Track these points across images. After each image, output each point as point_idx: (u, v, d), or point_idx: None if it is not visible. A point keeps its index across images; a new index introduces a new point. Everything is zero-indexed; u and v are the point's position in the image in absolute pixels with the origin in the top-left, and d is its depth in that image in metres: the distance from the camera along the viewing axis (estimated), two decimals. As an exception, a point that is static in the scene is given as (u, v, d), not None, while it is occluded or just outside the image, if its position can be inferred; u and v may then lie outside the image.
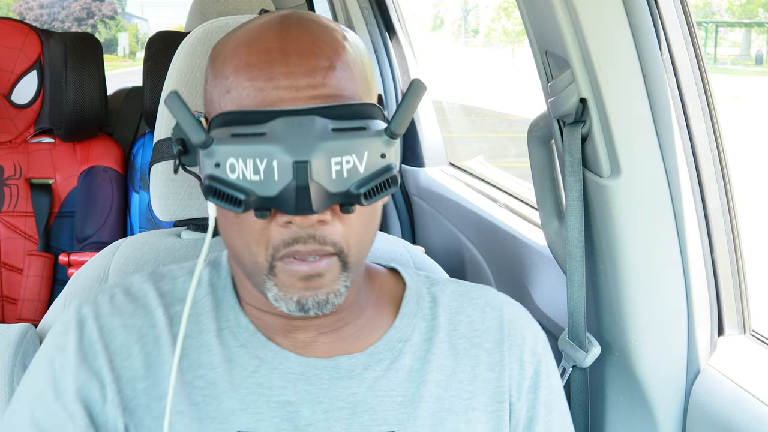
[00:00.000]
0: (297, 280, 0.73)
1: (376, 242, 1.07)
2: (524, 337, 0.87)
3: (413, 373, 0.83)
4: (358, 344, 0.83)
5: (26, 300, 2.03)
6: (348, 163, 0.70)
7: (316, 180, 0.69)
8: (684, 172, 1.00)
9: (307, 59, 0.73)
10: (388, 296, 0.88)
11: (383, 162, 0.71)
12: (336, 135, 0.70)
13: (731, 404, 0.95)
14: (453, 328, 0.86)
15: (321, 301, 0.74)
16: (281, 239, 0.72)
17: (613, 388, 1.11)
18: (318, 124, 0.69)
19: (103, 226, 2.10)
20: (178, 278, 0.86)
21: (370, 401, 0.80)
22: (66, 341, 0.80)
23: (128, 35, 20.59)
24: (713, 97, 1.03)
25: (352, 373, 0.81)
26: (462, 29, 15.99)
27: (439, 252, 1.88)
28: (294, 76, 0.72)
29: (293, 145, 0.68)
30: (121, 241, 1.06)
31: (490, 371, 0.85)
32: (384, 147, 0.71)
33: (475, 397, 0.84)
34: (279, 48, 0.73)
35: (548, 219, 1.18)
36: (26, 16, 18.27)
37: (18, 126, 2.11)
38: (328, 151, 0.69)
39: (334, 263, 0.74)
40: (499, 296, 0.91)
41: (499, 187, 1.80)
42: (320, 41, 0.74)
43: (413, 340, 0.84)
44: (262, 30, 0.75)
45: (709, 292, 1.04)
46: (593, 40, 0.95)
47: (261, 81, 0.72)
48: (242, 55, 0.74)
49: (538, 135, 1.17)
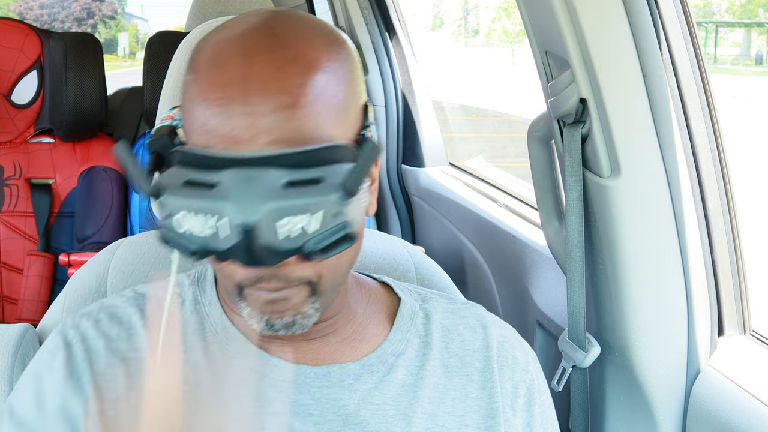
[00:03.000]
0: (263, 304, 0.72)
1: (376, 242, 1.08)
2: (515, 357, 0.87)
3: (405, 388, 0.81)
4: (349, 353, 0.82)
5: (26, 300, 2.03)
6: (299, 222, 0.66)
7: (263, 242, 0.66)
8: (684, 172, 1.00)
9: (268, 97, 0.67)
10: (380, 306, 0.86)
11: (338, 220, 0.67)
12: (286, 193, 0.65)
13: (731, 404, 0.95)
14: (445, 346, 0.85)
15: (287, 323, 0.73)
16: (245, 277, 0.71)
17: (613, 388, 1.11)
18: (269, 179, 0.65)
19: (103, 226, 2.10)
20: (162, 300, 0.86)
21: (362, 414, 0.79)
22: (53, 360, 0.79)
23: (128, 35, 20.60)
24: (713, 97, 1.03)
25: (344, 383, 0.80)
26: (462, 29, 16.00)
27: (439, 252, 1.88)
28: (253, 116, 0.67)
29: (240, 206, 0.65)
30: (120, 242, 1.06)
31: (482, 389, 0.84)
32: (338, 206, 0.66)
33: (468, 414, 0.83)
34: (240, 81, 0.68)
35: (548, 219, 1.18)
36: (26, 16, 18.28)
37: (18, 126, 2.11)
38: (275, 213, 0.65)
39: (300, 290, 0.72)
40: (488, 316, 0.90)
41: (499, 187, 1.80)
42: (289, 68, 0.69)
43: (407, 355, 0.83)
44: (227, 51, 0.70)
45: (709, 292, 1.04)
46: (593, 40, 0.95)
47: (219, 120, 0.68)
48: (203, 84, 0.70)
49: (538, 135, 1.17)
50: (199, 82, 0.70)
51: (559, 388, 1.11)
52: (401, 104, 2.21)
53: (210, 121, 0.68)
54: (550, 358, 1.29)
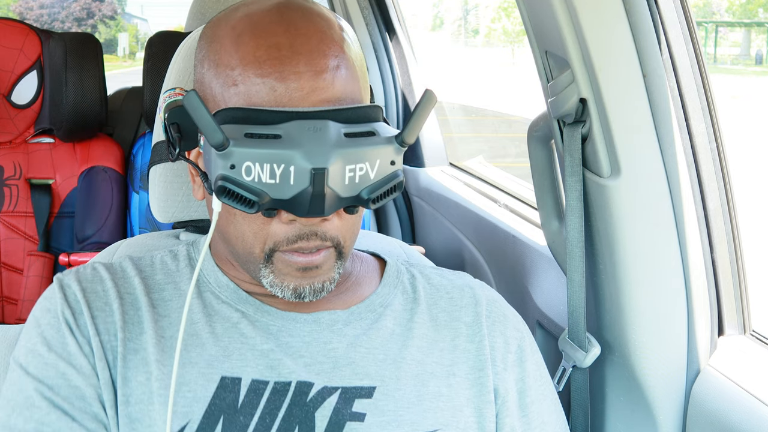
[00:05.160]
0: (294, 270, 0.75)
1: (375, 243, 1.08)
2: (506, 315, 0.91)
3: (395, 336, 0.84)
4: (339, 304, 0.85)
5: (26, 300, 2.03)
6: (361, 170, 0.71)
7: (331, 186, 0.70)
8: (684, 172, 1.00)
9: (316, 59, 0.73)
10: (371, 269, 0.91)
11: (392, 168, 0.74)
12: (349, 142, 0.71)
13: (731, 404, 0.95)
14: (434, 302, 0.89)
15: (317, 289, 0.77)
16: (285, 236, 0.74)
17: (613, 388, 1.11)
18: (332, 130, 0.70)
19: (103, 227, 2.10)
20: (155, 255, 0.89)
21: (352, 356, 0.82)
22: (52, 303, 0.82)
23: (128, 35, 20.59)
24: (713, 97, 1.03)
25: (333, 327, 0.82)
26: (462, 29, 16.00)
27: (439, 252, 1.88)
28: (304, 77, 0.72)
29: (311, 152, 0.69)
30: (120, 242, 1.06)
31: (470, 342, 0.87)
32: (394, 155, 0.73)
33: (456, 365, 0.85)
34: (288, 44, 0.73)
35: (548, 219, 1.18)
36: (26, 16, 18.29)
37: (18, 126, 2.11)
38: (344, 158, 0.70)
39: (331, 254, 0.76)
40: (477, 281, 0.94)
41: (499, 187, 1.80)
42: (327, 38, 0.75)
43: (394, 306, 0.87)
44: (265, 20, 0.75)
45: (709, 292, 1.04)
46: (593, 40, 0.95)
47: (272, 79, 0.72)
48: (248, 46, 0.73)
49: (538, 135, 1.17)
50: (244, 44, 0.74)
51: (560, 388, 1.11)
52: (401, 104, 2.22)
53: (262, 81, 0.72)
54: (550, 358, 1.29)
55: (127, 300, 0.83)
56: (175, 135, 0.77)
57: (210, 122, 0.68)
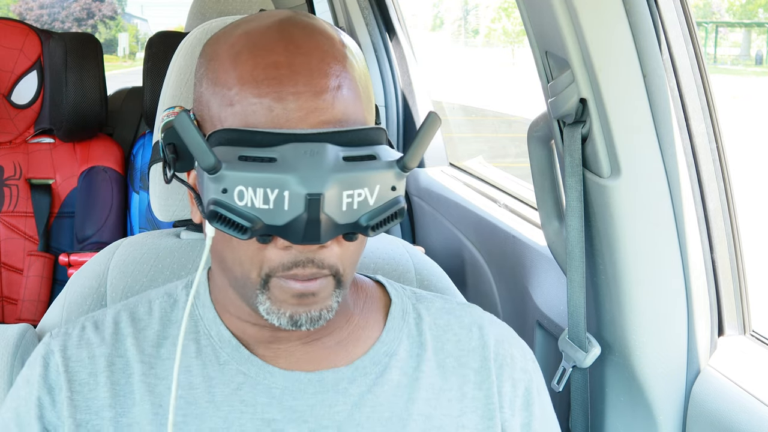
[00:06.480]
0: (290, 297, 0.72)
1: (376, 243, 1.08)
2: (513, 356, 0.86)
3: (401, 389, 0.81)
4: (342, 355, 0.81)
5: (26, 300, 2.03)
6: (360, 195, 0.68)
7: (327, 213, 0.67)
8: (684, 172, 1.00)
9: (316, 79, 0.70)
10: (376, 306, 0.86)
11: (393, 194, 0.70)
12: (347, 166, 0.67)
13: (731, 404, 0.95)
14: (440, 346, 0.85)
15: (314, 317, 0.73)
16: (280, 262, 0.71)
17: (613, 389, 1.11)
18: (330, 153, 0.67)
19: (103, 227, 2.10)
20: (154, 301, 0.84)
21: (357, 417, 0.78)
22: (31, 374, 0.79)
23: (128, 35, 20.61)
24: (713, 97, 1.03)
25: (338, 387, 0.79)
26: (462, 29, 16.00)
27: (439, 252, 1.88)
28: (303, 98, 0.69)
29: (306, 176, 0.66)
30: (120, 242, 1.06)
31: (478, 390, 0.83)
32: (395, 180, 0.70)
33: (465, 415, 0.82)
34: (287, 63, 0.70)
35: (548, 219, 1.18)
36: (26, 16, 18.30)
37: (18, 126, 2.11)
38: (341, 183, 0.67)
39: (329, 282, 0.72)
40: (485, 315, 0.89)
41: (499, 187, 1.80)
42: (328, 57, 0.71)
43: (399, 355, 0.83)
44: (265, 37, 0.72)
45: (709, 292, 1.04)
46: (593, 40, 0.95)
47: (269, 99, 0.69)
48: (246, 65, 0.71)
49: (538, 135, 1.17)
50: (242, 64, 0.71)
51: (560, 388, 1.12)
52: (401, 104, 2.21)
53: (259, 101, 0.69)
54: (550, 359, 1.29)
55: (118, 366, 0.79)
56: (170, 156, 0.74)
57: (201, 144, 0.65)
